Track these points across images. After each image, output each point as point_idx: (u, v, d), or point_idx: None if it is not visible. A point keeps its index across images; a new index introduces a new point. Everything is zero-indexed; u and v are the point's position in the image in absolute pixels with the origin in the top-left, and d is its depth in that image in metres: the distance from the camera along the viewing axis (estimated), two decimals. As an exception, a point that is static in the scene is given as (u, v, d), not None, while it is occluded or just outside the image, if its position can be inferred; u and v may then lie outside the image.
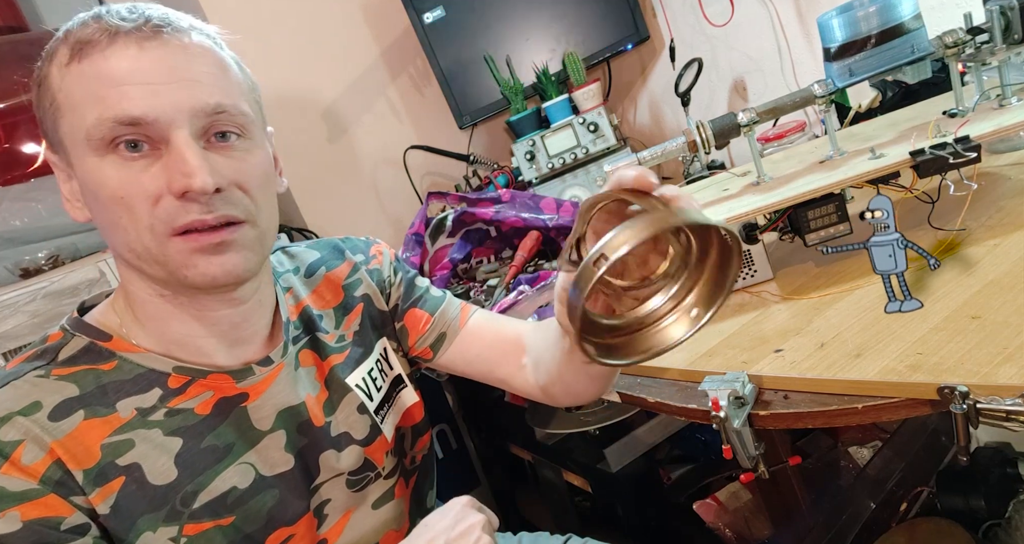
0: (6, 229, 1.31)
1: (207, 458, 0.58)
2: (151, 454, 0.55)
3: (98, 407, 0.55)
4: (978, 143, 0.69)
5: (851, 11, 0.84)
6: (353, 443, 0.67)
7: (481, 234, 1.41)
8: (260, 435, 0.61)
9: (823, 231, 0.80)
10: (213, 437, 0.59)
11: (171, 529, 0.55)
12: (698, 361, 0.72)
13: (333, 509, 0.66)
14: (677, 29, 1.55)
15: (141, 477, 0.55)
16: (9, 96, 1.36)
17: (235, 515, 0.58)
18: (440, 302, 0.79)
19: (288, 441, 0.63)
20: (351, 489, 0.67)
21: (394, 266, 0.79)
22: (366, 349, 0.73)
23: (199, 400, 0.59)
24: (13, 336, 1.21)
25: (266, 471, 0.61)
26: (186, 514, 0.56)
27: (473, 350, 0.77)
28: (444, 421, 1.63)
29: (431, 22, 1.62)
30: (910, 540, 1.07)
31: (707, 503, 1.26)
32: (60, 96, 0.52)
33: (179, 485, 0.56)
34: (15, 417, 0.52)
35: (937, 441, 1.24)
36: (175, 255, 0.53)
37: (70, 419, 0.53)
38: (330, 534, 0.65)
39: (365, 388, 0.71)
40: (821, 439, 1.36)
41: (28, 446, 0.51)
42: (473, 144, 1.83)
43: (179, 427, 0.57)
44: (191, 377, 0.59)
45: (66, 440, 0.52)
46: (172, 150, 0.51)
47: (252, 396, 0.62)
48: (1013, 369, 0.49)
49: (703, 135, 0.84)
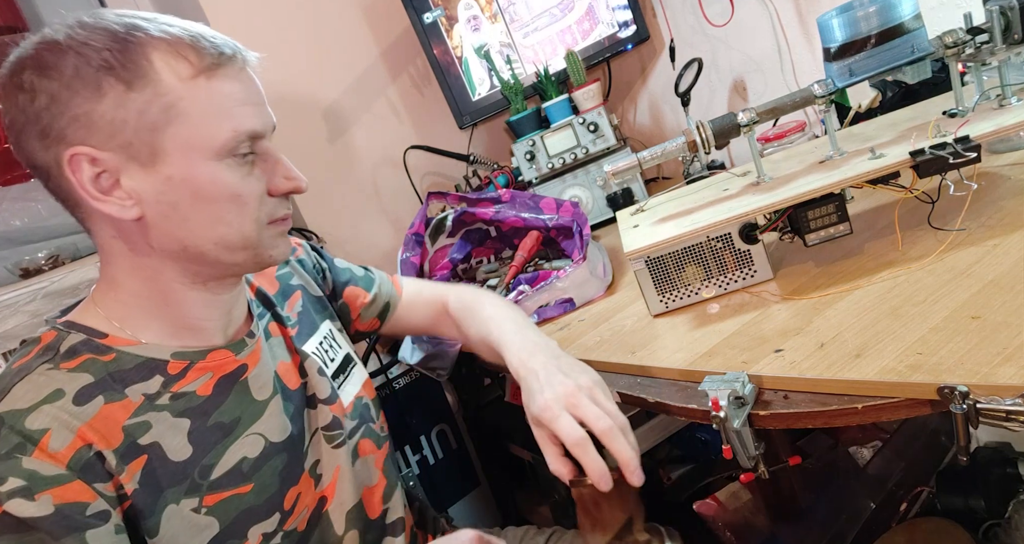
0: (6, 229, 1.31)
1: (216, 434, 0.63)
2: (167, 434, 0.60)
3: (113, 392, 0.59)
4: (978, 143, 0.69)
5: (851, 11, 0.84)
6: (320, 402, 0.74)
7: (481, 234, 1.41)
8: (263, 405, 0.67)
9: (823, 231, 0.80)
10: (218, 415, 0.63)
11: (192, 501, 0.60)
12: (698, 361, 0.72)
13: (324, 468, 0.72)
14: (677, 29, 1.55)
15: (162, 455, 0.59)
16: (9, 96, 1.36)
17: (253, 483, 0.64)
18: (372, 278, 0.94)
19: (283, 405, 0.69)
20: (330, 445, 0.74)
21: (316, 252, 0.91)
22: (312, 327, 0.81)
23: (199, 383, 0.63)
24: (13, 336, 1.21)
25: (274, 437, 0.67)
26: (205, 486, 0.61)
27: (415, 313, 0.95)
28: (444, 421, 1.63)
29: (431, 22, 1.62)
30: (910, 540, 1.07)
31: (707, 503, 1.26)
32: (184, 104, 0.56)
33: (195, 460, 0.61)
34: (41, 406, 0.55)
35: (937, 441, 1.24)
36: (267, 239, 0.63)
37: (93, 403, 0.57)
38: (327, 491, 0.72)
39: (321, 355, 0.78)
40: (821, 439, 1.37)
41: (55, 433, 0.54)
42: (473, 144, 1.83)
43: (185, 409, 0.62)
44: (190, 361, 0.63)
45: (93, 422, 0.56)
46: (270, 158, 0.63)
47: (251, 366, 0.68)
48: (1013, 369, 0.49)
49: (703, 135, 0.84)
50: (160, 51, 0.56)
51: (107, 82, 0.54)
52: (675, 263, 0.85)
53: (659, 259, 0.84)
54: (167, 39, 0.57)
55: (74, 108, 0.55)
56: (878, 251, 0.80)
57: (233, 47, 0.60)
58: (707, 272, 0.85)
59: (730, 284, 0.85)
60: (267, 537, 0.64)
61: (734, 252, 0.83)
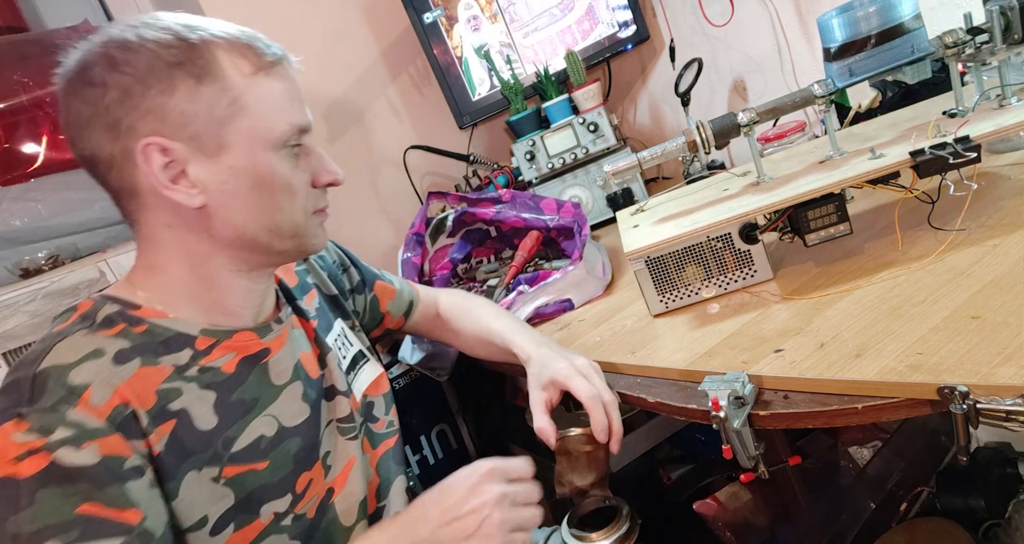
0: (6, 229, 1.31)
1: (237, 410, 0.65)
2: (195, 403, 0.62)
3: (148, 357, 0.61)
4: (978, 143, 0.69)
5: (851, 11, 0.84)
6: (339, 394, 0.76)
7: (481, 234, 1.41)
8: (278, 390, 0.69)
9: (823, 231, 0.80)
10: (240, 392, 0.66)
11: (213, 470, 0.62)
12: (698, 361, 0.72)
13: (335, 459, 0.73)
14: (677, 29, 1.55)
15: (189, 422, 0.61)
16: (9, 96, 1.36)
17: (268, 460, 0.66)
18: (392, 276, 0.99)
19: (303, 392, 0.71)
20: (344, 437, 0.75)
21: (338, 248, 0.94)
22: (328, 324, 0.83)
23: (224, 360, 0.66)
24: (13, 336, 1.21)
25: (287, 422, 0.68)
26: (225, 457, 0.63)
27: (429, 314, 1.00)
28: (444, 421, 1.63)
29: (431, 22, 1.62)
30: (910, 540, 1.08)
31: (707, 503, 1.26)
32: (247, 99, 0.61)
33: (219, 431, 0.63)
34: (83, 362, 0.57)
35: (937, 441, 1.25)
36: (311, 228, 0.68)
37: (130, 364, 0.59)
38: (336, 483, 0.73)
39: (336, 350, 0.80)
40: (821, 439, 1.36)
41: (96, 388, 0.56)
42: (473, 144, 1.83)
43: (211, 382, 0.64)
44: (217, 339, 0.66)
45: (131, 381, 0.58)
46: (313, 152, 0.67)
47: (273, 351, 0.70)
48: (1013, 369, 0.49)
49: (703, 135, 0.84)
50: (224, 49, 0.61)
51: (179, 77, 0.59)
52: (675, 263, 0.85)
53: (659, 259, 0.84)
54: (228, 39, 0.62)
55: (147, 101, 0.58)
56: (878, 251, 0.80)
57: (281, 49, 0.66)
58: (707, 272, 0.85)
59: (730, 284, 0.85)
60: (278, 517, 0.66)
61: (734, 252, 0.83)
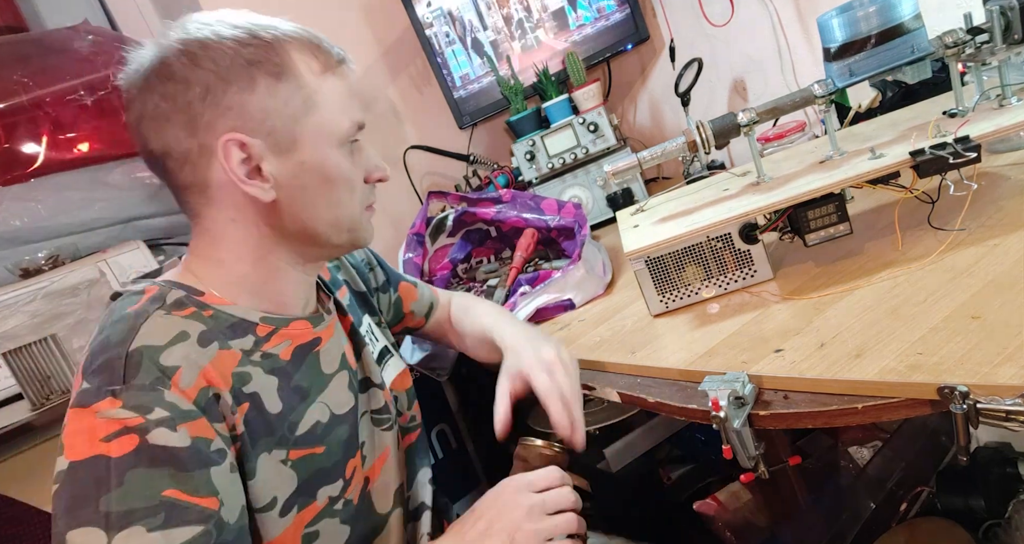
0: (6, 229, 1.31)
1: (296, 396, 0.66)
2: (264, 387, 0.63)
3: (223, 340, 0.62)
4: (978, 143, 0.70)
5: (851, 11, 0.84)
6: (374, 386, 0.77)
7: (481, 234, 1.41)
8: (327, 378, 0.70)
9: (823, 231, 0.80)
10: (297, 378, 0.67)
11: (281, 452, 0.63)
12: (698, 361, 0.72)
13: (370, 449, 0.74)
14: (677, 29, 1.55)
15: (260, 405, 0.62)
16: (9, 96, 1.36)
17: (324, 445, 0.67)
18: (413, 278, 1.00)
19: (349, 381, 0.73)
20: (379, 427, 0.76)
21: (365, 248, 0.93)
22: (359, 319, 0.83)
23: (281, 347, 0.67)
24: (13, 336, 1.21)
25: (337, 410, 0.70)
26: (291, 440, 0.64)
27: (444, 317, 1.00)
28: (444, 421, 1.63)
29: (431, 22, 1.62)
30: (910, 540, 1.08)
31: (707, 503, 1.26)
32: (319, 97, 0.63)
33: (285, 415, 0.64)
34: (173, 344, 0.58)
35: (937, 441, 1.24)
36: (363, 222, 0.70)
37: (211, 347, 0.60)
38: (371, 472, 0.74)
39: (368, 343, 0.81)
40: (821, 439, 1.36)
41: (185, 371, 0.57)
42: (473, 144, 1.83)
43: (273, 368, 0.65)
44: (275, 326, 0.67)
45: (215, 362, 0.60)
46: (365, 150, 0.69)
47: (324, 340, 0.71)
48: (1013, 369, 0.49)
49: (703, 135, 0.84)
50: (296, 49, 0.63)
51: (258, 75, 0.60)
52: (675, 263, 0.85)
53: (659, 259, 0.84)
54: (298, 38, 0.64)
55: (228, 98, 0.59)
56: (878, 251, 0.80)
57: (342, 49, 0.68)
58: (707, 272, 0.85)
59: (730, 284, 0.85)
60: (332, 501, 0.67)
61: (734, 252, 0.83)
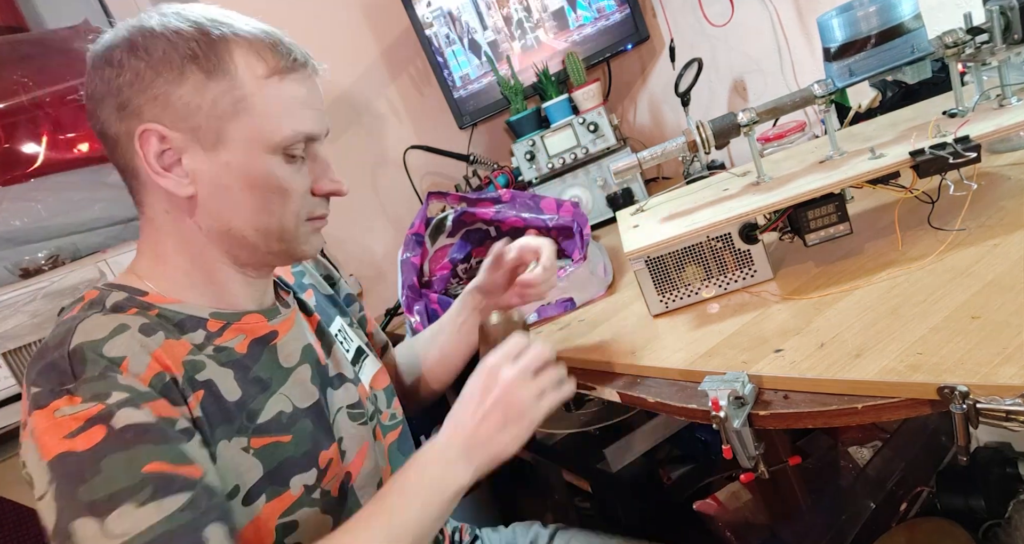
0: (6, 229, 1.31)
1: (256, 386, 0.66)
2: (219, 375, 0.63)
3: (170, 332, 0.61)
4: (978, 143, 0.70)
5: (851, 11, 0.84)
6: (347, 381, 0.76)
7: (481, 234, 1.41)
8: (288, 372, 0.69)
9: (823, 231, 0.80)
10: (256, 370, 0.66)
11: (242, 440, 0.62)
12: (698, 361, 0.72)
13: (349, 445, 0.73)
14: (677, 29, 1.55)
15: (216, 392, 0.62)
16: (9, 96, 1.36)
17: (292, 434, 0.66)
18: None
19: (312, 375, 0.72)
20: (355, 422, 0.75)
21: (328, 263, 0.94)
22: (328, 320, 0.83)
23: (235, 342, 0.66)
24: (13, 336, 1.21)
25: (299, 403, 0.69)
26: (251, 428, 0.63)
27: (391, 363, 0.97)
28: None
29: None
30: (910, 540, 1.08)
31: (707, 503, 1.26)
32: (254, 100, 0.61)
33: (244, 403, 0.63)
34: (113, 337, 0.57)
35: (937, 441, 1.24)
36: (302, 234, 0.68)
37: (157, 336, 0.60)
38: (352, 467, 0.73)
39: (340, 341, 0.81)
40: (821, 439, 1.36)
41: (132, 358, 0.56)
42: (473, 144, 1.83)
43: (227, 361, 0.64)
44: (227, 321, 0.67)
45: (164, 348, 0.59)
46: (320, 160, 0.68)
47: (280, 333, 0.71)
48: (1013, 369, 0.49)
49: (703, 135, 0.84)
50: (242, 49, 0.62)
51: (190, 69, 0.60)
52: (675, 263, 0.85)
53: (659, 259, 0.84)
54: (249, 39, 0.62)
55: (155, 88, 0.60)
56: (878, 251, 0.80)
57: (304, 55, 0.65)
58: (707, 272, 0.85)
59: (730, 284, 0.85)
60: (308, 490, 0.67)
61: (734, 252, 0.83)
